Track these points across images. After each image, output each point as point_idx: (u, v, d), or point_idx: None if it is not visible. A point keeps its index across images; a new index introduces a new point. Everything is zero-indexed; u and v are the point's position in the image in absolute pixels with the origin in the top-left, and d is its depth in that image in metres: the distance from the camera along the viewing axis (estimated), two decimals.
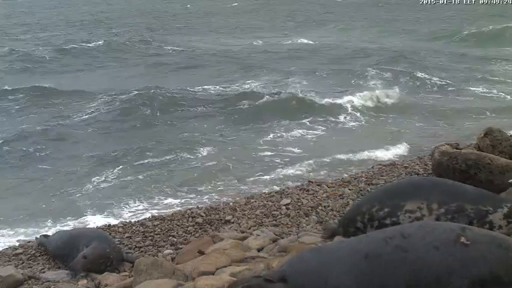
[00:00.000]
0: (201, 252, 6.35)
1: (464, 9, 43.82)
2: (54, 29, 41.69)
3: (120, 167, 12.07)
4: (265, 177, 11.11)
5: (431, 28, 34.50)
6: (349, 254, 3.43)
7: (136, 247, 7.86)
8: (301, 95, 17.46)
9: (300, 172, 11.31)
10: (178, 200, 10.15)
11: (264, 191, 10.05)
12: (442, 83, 19.98)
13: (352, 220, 5.26)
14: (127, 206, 10.05)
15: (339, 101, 16.98)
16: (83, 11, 59.18)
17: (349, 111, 16.32)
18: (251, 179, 11.06)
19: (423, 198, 4.90)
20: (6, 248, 8.30)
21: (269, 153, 12.72)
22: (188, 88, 19.53)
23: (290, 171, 11.40)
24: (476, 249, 3.20)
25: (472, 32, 31.54)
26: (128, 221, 9.03)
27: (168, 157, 12.65)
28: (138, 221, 8.91)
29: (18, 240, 8.75)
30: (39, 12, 57.90)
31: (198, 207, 9.12)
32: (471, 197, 4.95)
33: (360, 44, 29.38)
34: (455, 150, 8.35)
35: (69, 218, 9.66)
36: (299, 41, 32.35)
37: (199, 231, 8.12)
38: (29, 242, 8.48)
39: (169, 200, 10.19)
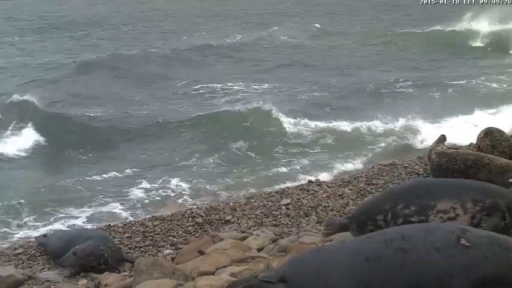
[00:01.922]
0: (201, 252, 6.36)
1: (465, 9, 43.76)
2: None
3: (120, 167, 12.07)
4: (266, 177, 11.12)
5: (433, 28, 34.32)
6: (350, 254, 3.43)
7: (136, 247, 7.87)
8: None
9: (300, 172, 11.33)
10: (179, 200, 10.15)
11: (264, 190, 10.06)
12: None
13: (371, 218, 4.94)
14: (127, 205, 10.04)
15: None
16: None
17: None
18: (253, 178, 11.07)
19: (455, 197, 4.66)
20: (6, 248, 8.30)
21: (274, 154, 12.66)
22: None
23: (291, 171, 11.41)
24: (477, 250, 3.20)
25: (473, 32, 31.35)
26: (128, 220, 9.04)
27: (168, 157, 12.66)
28: (138, 221, 8.92)
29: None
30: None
31: (198, 207, 9.13)
32: (500, 191, 4.80)
33: (360, 49, 28.95)
34: (452, 150, 8.32)
35: (70, 217, 9.66)
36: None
37: (199, 231, 8.13)
38: (29, 242, 8.49)
39: (169, 200, 10.19)
